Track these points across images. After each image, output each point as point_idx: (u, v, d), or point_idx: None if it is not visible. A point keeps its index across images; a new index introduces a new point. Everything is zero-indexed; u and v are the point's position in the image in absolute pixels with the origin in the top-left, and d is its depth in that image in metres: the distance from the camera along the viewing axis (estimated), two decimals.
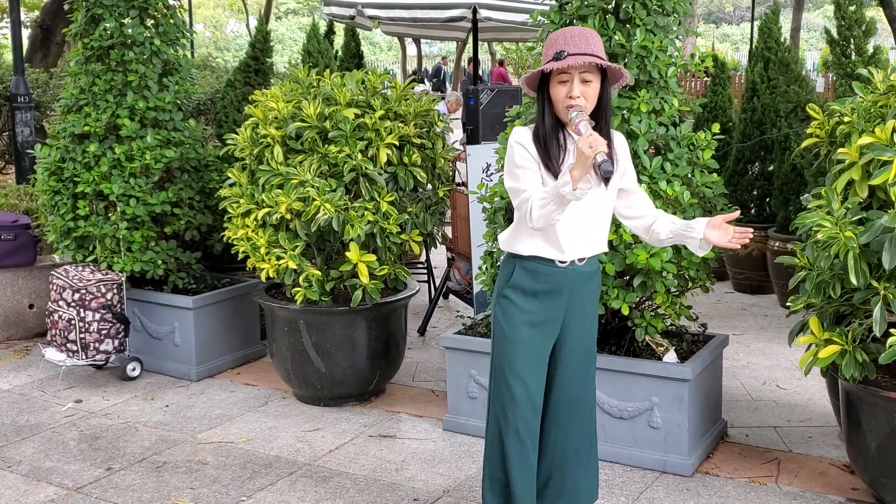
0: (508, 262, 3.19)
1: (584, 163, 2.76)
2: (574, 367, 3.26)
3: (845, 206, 3.46)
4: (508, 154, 3.05)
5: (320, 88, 4.97)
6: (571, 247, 3.09)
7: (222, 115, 6.44)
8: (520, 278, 3.13)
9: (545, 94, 3.02)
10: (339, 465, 4.28)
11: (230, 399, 5.20)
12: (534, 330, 3.15)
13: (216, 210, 5.50)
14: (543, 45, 3.08)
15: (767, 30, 7.33)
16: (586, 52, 2.92)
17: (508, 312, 3.16)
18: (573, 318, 3.21)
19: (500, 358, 3.19)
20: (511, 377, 3.17)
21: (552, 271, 3.11)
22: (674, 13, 4.18)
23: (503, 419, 3.20)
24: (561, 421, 3.29)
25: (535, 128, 3.05)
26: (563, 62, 2.90)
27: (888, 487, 3.62)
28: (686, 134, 4.22)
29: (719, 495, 3.90)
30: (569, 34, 2.97)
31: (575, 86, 2.94)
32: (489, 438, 3.29)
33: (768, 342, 6.07)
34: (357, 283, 4.73)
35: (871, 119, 3.61)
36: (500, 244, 3.24)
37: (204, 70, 9.21)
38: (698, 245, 3.13)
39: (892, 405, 3.49)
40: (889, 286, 3.40)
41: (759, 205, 7.51)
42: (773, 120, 7.07)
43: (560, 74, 2.96)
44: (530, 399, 3.19)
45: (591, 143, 2.75)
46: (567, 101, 2.94)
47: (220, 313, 5.64)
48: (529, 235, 3.08)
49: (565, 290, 3.15)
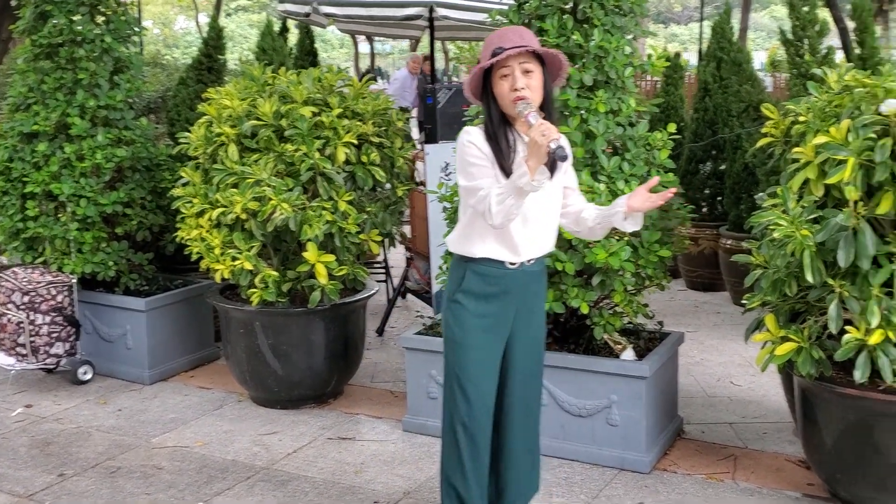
0: (458, 265, 3.17)
1: (539, 152, 2.76)
2: (524, 366, 3.27)
3: (801, 204, 3.50)
4: (460, 154, 3.03)
5: (276, 86, 4.91)
6: (524, 248, 3.09)
7: (174, 114, 6.35)
8: (471, 282, 3.12)
9: (489, 94, 3.03)
10: (297, 468, 4.24)
11: (184, 402, 5.12)
12: (486, 333, 3.15)
13: (169, 210, 5.42)
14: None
15: (720, 30, 7.41)
16: (522, 45, 2.94)
17: (460, 317, 3.14)
18: (523, 319, 3.21)
19: (454, 363, 3.17)
20: (466, 382, 3.15)
21: (503, 273, 3.11)
22: (630, 13, 4.20)
23: (460, 425, 3.19)
24: (514, 421, 3.29)
25: (485, 126, 3.04)
26: (502, 55, 2.92)
27: (843, 482, 3.68)
28: (643, 134, 4.25)
29: (677, 492, 3.93)
30: (503, 33, 3.00)
31: (518, 78, 2.94)
32: (446, 446, 3.27)
33: (721, 339, 6.14)
34: (315, 283, 4.68)
35: (826, 119, 3.65)
36: (448, 246, 3.22)
37: (154, 68, 9.07)
38: (623, 218, 3.10)
39: (847, 401, 3.54)
40: (844, 284, 3.45)
41: (710, 203, 7.60)
42: (725, 119, 7.15)
43: (501, 69, 2.96)
44: (485, 403, 3.19)
45: (544, 132, 2.75)
46: (512, 94, 2.94)
47: (174, 315, 5.55)
48: (482, 237, 3.07)
49: (515, 291, 3.15)
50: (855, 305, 3.43)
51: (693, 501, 3.84)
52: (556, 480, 4.04)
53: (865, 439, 3.52)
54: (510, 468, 3.33)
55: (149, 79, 6.95)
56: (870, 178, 3.38)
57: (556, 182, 3.04)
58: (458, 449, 3.21)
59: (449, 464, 3.26)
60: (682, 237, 4.49)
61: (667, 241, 4.27)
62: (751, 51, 8.96)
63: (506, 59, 2.94)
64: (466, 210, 3.10)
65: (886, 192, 3.39)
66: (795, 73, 5.36)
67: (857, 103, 3.56)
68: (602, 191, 4.00)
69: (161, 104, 7.11)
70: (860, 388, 3.48)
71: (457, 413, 3.19)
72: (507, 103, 2.98)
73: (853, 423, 3.56)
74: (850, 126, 3.42)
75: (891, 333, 3.38)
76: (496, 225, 2.92)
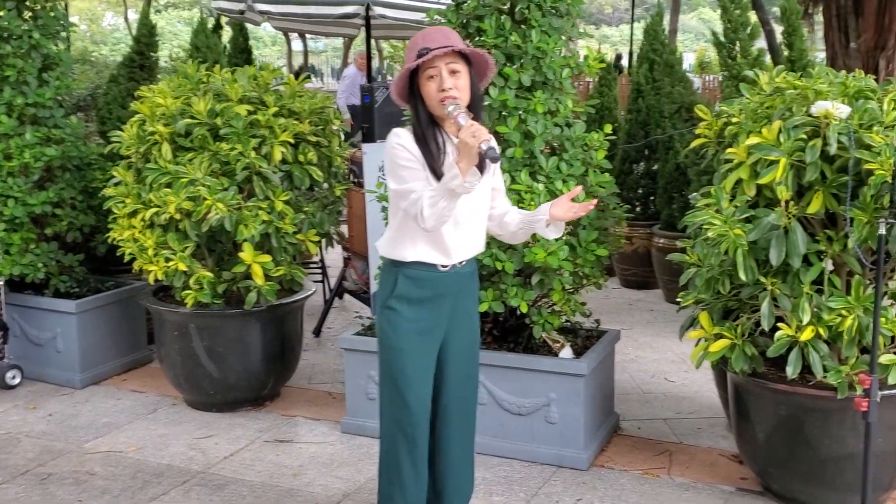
0: (390, 270, 3.14)
1: (470, 153, 2.74)
2: (460, 368, 3.24)
3: (734, 204, 3.57)
4: (390, 157, 2.98)
5: (210, 84, 4.85)
6: (455, 250, 3.07)
7: (105, 112, 6.22)
8: (404, 288, 3.08)
9: (416, 95, 2.99)
10: (234, 472, 4.19)
11: (117, 406, 5.02)
12: (421, 338, 3.11)
13: (100, 210, 5.30)
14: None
15: (653, 32, 7.53)
16: (447, 45, 2.92)
17: (395, 323, 3.10)
18: (457, 321, 3.19)
19: (391, 369, 3.14)
20: (404, 388, 3.12)
21: (435, 277, 3.08)
22: (567, 15, 4.24)
23: (399, 432, 3.15)
24: (451, 423, 3.27)
25: (413, 128, 3.01)
26: (428, 55, 2.89)
27: (775, 476, 3.76)
28: (580, 135, 4.29)
29: (614, 488, 3.98)
30: (427, 33, 2.98)
31: (445, 78, 2.92)
32: (386, 453, 3.23)
33: (655, 336, 6.23)
34: (251, 284, 4.63)
35: (757, 120, 3.73)
36: (379, 250, 3.18)
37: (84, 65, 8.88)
38: (545, 226, 3.13)
39: (779, 397, 3.62)
40: (776, 282, 3.53)
41: (644, 203, 7.72)
42: (658, 120, 7.26)
43: (427, 70, 2.93)
44: (424, 406, 3.16)
45: (474, 133, 2.73)
46: (440, 94, 2.92)
47: (105, 317, 5.44)
48: (413, 241, 3.03)
49: (449, 294, 3.13)
50: (786, 303, 3.51)
51: (630, 497, 3.89)
52: (495, 479, 4.06)
53: (796, 434, 3.61)
54: (448, 470, 3.31)
55: (78, 76, 6.80)
56: (801, 178, 3.46)
57: (485, 183, 3.04)
58: (397, 455, 3.18)
59: (387, 471, 3.23)
60: (617, 236, 4.55)
61: (603, 240, 4.32)
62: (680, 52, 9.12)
63: (432, 59, 2.91)
64: (397, 213, 3.06)
65: (816, 191, 3.47)
66: (728, 75, 5.46)
67: (788, 105, 3.63)
68: (541, 191, 4.02)
69: (91, 102, 6.97)
70: (791, 384, 3.56)
71: (396, 419, 3.16)
72: (434, 104, 2.95)
73: (785, 417, 3.64)
74: (781, 127, 3.50)
75: (821, 330, 3.47)
76: (429, 228, 2.89)
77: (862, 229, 3.34)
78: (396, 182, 2.96)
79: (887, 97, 3.59)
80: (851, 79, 3.74)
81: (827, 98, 3.54)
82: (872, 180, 3.30)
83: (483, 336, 4.46)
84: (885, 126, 3.45)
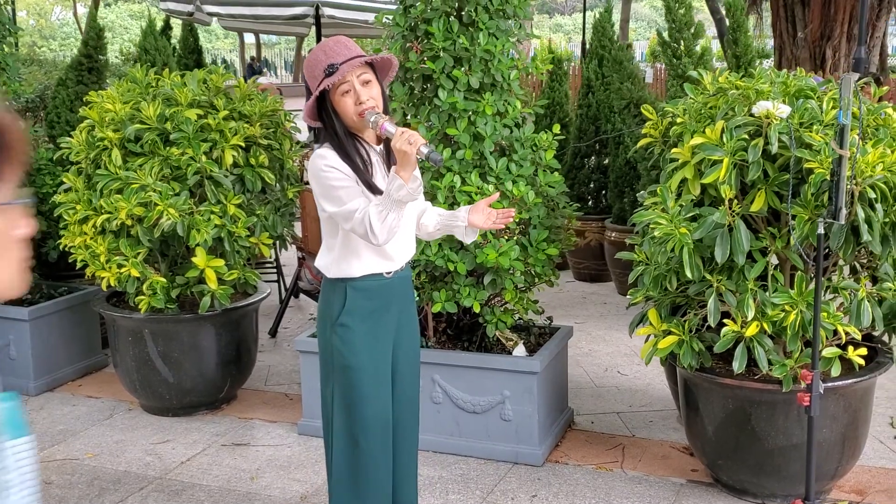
0: (335, 288, 3.02)
1: (409, 160, 2.71)
2: (408, 372, 3.20)
3: (679, 203, 3.64)
4: (320, 180, 2.87)
5: (160, 88, 4.82)
6: (397, 255, 3.04)
7: (54, 116, 6.14)
8: (354, 302, 2.99)
9: (330, 113, 2.91)
10: (191, 477, 4.19)
11: (72, 413, 5.00)
12: (375, 350, 3.03)
13: (50, 216, 5.26)
14: (304, 68, 2.98)
15: (601, 28, 7.60)
16: (353, 57, 2.86)
17: (349, 341, 2.99)
18: (403, 325, 3.14)
19: (345, 389, 3.02)
20: (361, 404, 3.00)
21: (382, 285, 3.02)
22: (514, 17, 4.28)
23: (356, 451, 3.04)
24: (405, 426, 3.21)
25: (333, 146, 2.90)
26: (340, 73, 2.82)
27: (724, 468, 3.86)
28: (529, 136, 4.34)
29: (569, 483, 4.05)
30: (327, 48, 2.90)
31: (360, 91, 2.86)
32: (338, 479, 3.09)
33: (608, 329, 6.32)
34: (205, 289, 4.63)
35: (701, 120, 3.80)
36: (325, 272, 3.07)
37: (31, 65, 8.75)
38: (464, 232, 3.14)
39: (727, 391, 3.71)
40: (721, 279, 3.61)
41: (595, 197, 7.81)
42: (608, 116, 7.34)
43: (340, 86, 2.85)
44: (383, 418, 3.07)
45: (409, 140, 2.70)
46: (358, 108, 2.86)
47: (58, 323, 5.40)
48: (358, 255, 2.97)
49: (395, 301, 3.08)
50: (732, 299, 3.60)
51: (584, 492, 3.96)
52: (451, 477, 4.11)
53: (744, 426, 3.70)
54: (404, 476, 3.24)
55: (26, 78, 6.72)
56: (744, 176, 3.54)
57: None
58: (354, 476, 3.06)
59: (340, 497, 3.10)
60: (569, 234, 4.61)
61: (554, 238, 4.38)
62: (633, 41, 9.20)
63: (343, 75, 2.84)
64: (335, 233, 2.99)
65: (759, 190, 3.55)
66: (672, 75, 5.54)
67: (730, 105, 3.71)
68: (491, 192, 4.07)
69: (39, 103, 6.87)
70: (738, 378, 3.64)
71: (350, 439, 3.04)
72: (352, 119, 2.88)
73: (732, 411, 3.73)
74: (724, 127, 3.57)
75: (766, 325, 3.55)
76: (381, 243, 2.83)
77: (803, 227, 3.43)
78: (334, 205, 2.86)
79: (826, 96, 3.68)
80: (792, 78, 3.83)
81: (768, 98, 3.62)
82: (812, 179, 3.38)
83: (437, 336, 4.51)
84: (824, 125, 3.54)
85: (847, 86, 3.12)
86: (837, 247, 3.43)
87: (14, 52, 5.62)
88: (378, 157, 2.99)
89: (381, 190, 2.87)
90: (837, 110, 3.21)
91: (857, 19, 6.25)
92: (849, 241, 3.45)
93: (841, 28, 6.59)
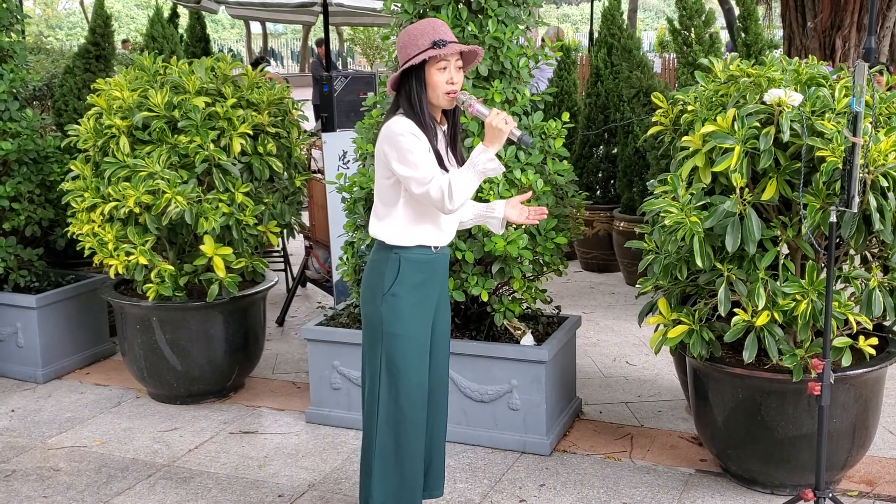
0: (390, 257, 3.13)
1: (501, 137, 2.91)
2: (442, 348, 3.36)
3: (690, 192, 3.61)
4: (398, 144, 2.98)
5: (167, 76, 4.81)
6: (450, 230, 3.20)
7: (61, 104, 6.14)
8: (407, 272, 3.12)
9: (415, 84, 3.03)
10: (199, 464, 4.19)
11: (81, 401, 5.00)
12: (421, 321, 3.19)
13: (58, 204, 5.26)
14: (401, 36, 3.08)
15: (610, 16, 7.56)
16: (456, 42, 3.04)
17: (398, 310, 3.13)
18: (441, 302, 3.30)
19: (392, 356, 3.15)
20: (408, 372, 3.16)
21: (431, 258, 3.17)
22: (524, 4, 4.26)
23: (401, 417, 3.18)
24: (438, 403, 3.37)
25: (414, 114, 3.04)
26: (447, 49, 2.97)
27: (734, 458, 3.84)
28: (538, 123, 4.32)
29: (577, 473, 4.04)
30: (437, 25, 3.04)
31: (454, 73, 3.03)
32: (383, 444, 3.21)
33: (616, 319, 6.30)
34: (213, 276, 4.62)
35: (712, 108, 3.77)
36: (377, 237, 3.17)
37: (38, 54, 8.73)
38: (499, 224, 3.33)
39: (736, 380, 3.69)
40: (732, 268, 3.58)
41: (604, 186, 7.78)
42: (617, 104, 7.31)
43: (440, 61, 3.01)
44: (424, 389, 3.23)
45: (505, 119, 2.88)
46: (447, 86, 3.01)
47: (66, 311, 5.40)
48: (416, 223, 3.10)
49: (439, 275, 3.24)
50: (742, 288, 3.57)
51: (592, 482, 3.95)
52: (459, 466, 4.11)
53: (754, 416, 3.68)
54: (436, 451, 3.41)
55: (33, 66, 6.71)
56: (755, 165, 3.51)
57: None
58: (397, 443, 3.20)
59: (385, 461, 3.22)
60: (577, 223, 4.59)
61: (563, 227, 4.36)
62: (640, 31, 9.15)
63: (446, 52, 2.99)
64: (396, 201, 3.10)
65: (770, 178, 3.53)
66: (683, 62, 5.50)
67: (742, 93, 3.68)
68: (500, 180, 4.05)
69: (47, 92, 6.87)
70: (748, 368, 3.62)
71: (396, 406, 3.18)
72: (439, 94, 3.03)
73: (742, 400, 3.71)
74: (735, 115, 3.54)
75: (776, 314, 3.53)
76: (451, 210, 2.96)
77: (815, 215, 3.40)
78: (410, 169, 2.98)
79: (838, 84, 3.65)
80: (804, 66, 3.79)
81: (780, 85, 3.58)
82: (824, 167, 3.35)
83: None
84: (836, 113, 3.51)
85: (860, 73, 3.09)
86: (849, 236, 3.40)
87: (21, 40, 5.59)
88: (443, 135, 3.13)
89: (447, 165, 3.04)
90: (850, 98, 3.18)
91: (867, 9, 6.21)
92: (860, 231, 3.43)
93: (851, 18, 6.54)
